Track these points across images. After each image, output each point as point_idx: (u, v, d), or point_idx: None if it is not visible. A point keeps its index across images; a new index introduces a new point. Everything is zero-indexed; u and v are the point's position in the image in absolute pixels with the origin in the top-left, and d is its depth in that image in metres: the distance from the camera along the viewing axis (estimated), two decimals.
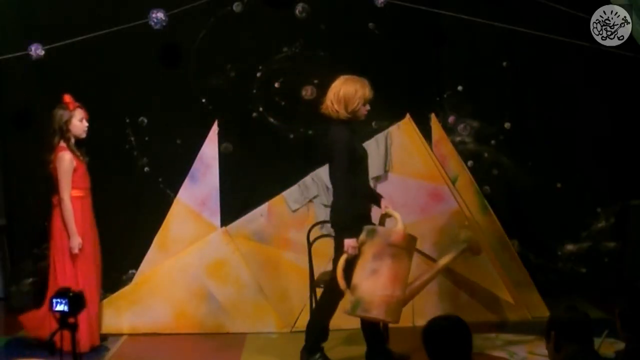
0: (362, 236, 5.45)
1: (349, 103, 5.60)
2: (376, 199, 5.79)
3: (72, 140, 6.31)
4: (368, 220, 5.64)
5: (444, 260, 5.77)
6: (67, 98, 6.34)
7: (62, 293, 4.30)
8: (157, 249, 6.88)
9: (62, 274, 6.30)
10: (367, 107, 5.67)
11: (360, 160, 5.66)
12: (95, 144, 7.05)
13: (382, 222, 5.72)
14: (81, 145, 6.41)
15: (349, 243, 5.45)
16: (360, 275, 5.42)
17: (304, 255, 6.31)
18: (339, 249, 5.57)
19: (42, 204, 7.17)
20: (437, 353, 3.48)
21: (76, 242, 6.24)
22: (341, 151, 5.56)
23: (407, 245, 5.45)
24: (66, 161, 6.23)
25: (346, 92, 5.61)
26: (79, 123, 6.32)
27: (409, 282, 5.54)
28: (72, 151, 6.28)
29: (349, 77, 5.69)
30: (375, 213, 5.75)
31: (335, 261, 5.62)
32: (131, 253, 6.95)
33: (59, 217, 6.31)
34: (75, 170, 6.26)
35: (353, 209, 5.53)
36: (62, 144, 6.28)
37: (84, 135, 6.37)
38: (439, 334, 3.51)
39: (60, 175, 6.23)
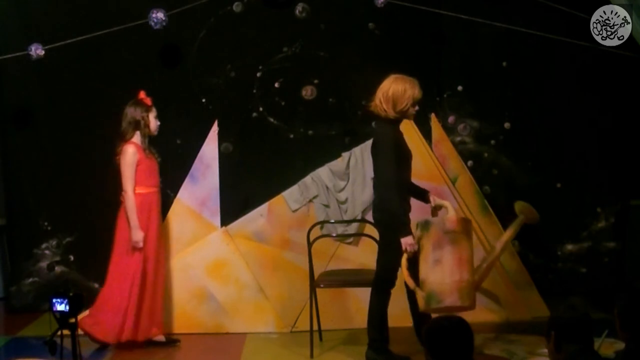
0: (418, 231, 5.47)
1: (397, 103, 5.59)
2: (423, 195, 5.79)
3: (146, 136, 6.29)
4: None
5: (505, 237, 5.85)
6: (143, 94, 6.33)
7: (62, 293, 4.30)
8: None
9: (116, 268, 6.29)
10: (416, 107, 5.65)
11: (405, 159, 5.65)
12: (95, 144, 7.08)
13: (434, 215, 5.74)
14: (154, 145, 6.41)
15: (406, 241, 5.46)
16: (425, 269, 5.43)
17: (304, 255, 6.30)
18: (386, 247, 5.61)
19: (42, 204, 7.19)
20: (438, 353, 3.47)
21: (138, 236, 6.19)
22: (388, 150, 5.56)
23: (464, 229, 5.47)
24: (129, 154, 6.20)
25: (395, 92, 5.59)
26: (154, 120, 6.31)
27: (477, 266, 5.62)
28: (141, 146, 6.26)
29: (398, 77, 5.66)
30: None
31: (380, 259, 5.67)
32: None
33: (123, 211, 6.29)
34: (138, 164, 6.22)
35: (400, 207, 5.53)
36: (135, 138, 6.26)
37: (155, 133, 6.36)
38: (441, 334, 3.50)
39: (123, 168, 6.21)
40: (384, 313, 5.74)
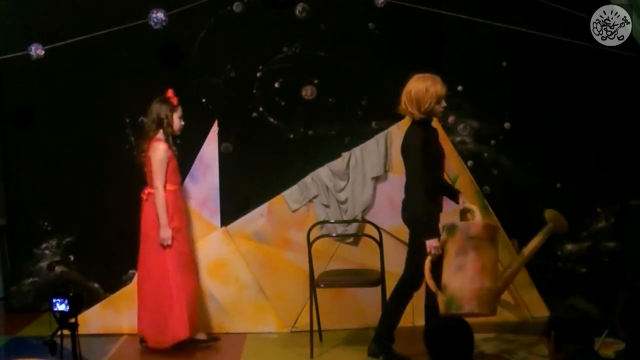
0: (443, 235, 5.44)
1: (421, 103, 5.58)
2: (454, 195, 5.78)
3: (169, 135, 6.30)
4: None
5: (532, 244, 5.75)
6: (171, 93, 6.32)
7: (62, 293, 4.30)
8: None
9: (144, 267, 6.31)
10: (443, 103, 5.61)
11: (435, 160, 5.63)
12: (95, 144, 7.08)
13: (462, 218, 5.69)
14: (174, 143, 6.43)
15: (430, 244, 5.45)
16: (448, 274, 5.41)
17: (304, 255, 6.30)
18: (414, 248, 5.62)
19: (42, 204, 7.19)
20: (439, 353, 3.47)
21: (167, 233, 6.19)
22: (416, 152, 5.55)
23: (489, 236, 5.42)
24: (161, 151, 6.20)
25: (417, 92, 5.57)
26: (178, 120, 6.31)
27: (500, 272, 5.57)
28: (167, 144, 6.28)
29: (419, 76, 5.65)
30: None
31: (410, 259, 5.68)
32: (131, 253, 6.93)
33: (151, 208, 6.28)
34: (167, 163, 6.24)
35: (428, 209, 5.53)
36: (159, 135, 6.26)
37: (178, 133, 6.37)
38: (442, 334, 3.50)
39: (155, 165, 6.20)
40: (400, 314, 5.77)
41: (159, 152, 6.20)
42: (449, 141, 7.02)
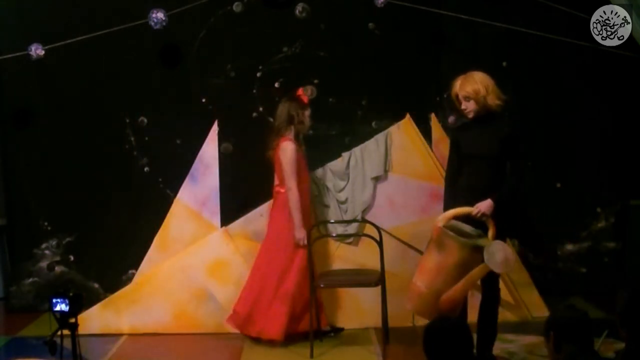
0: None
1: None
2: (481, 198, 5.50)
3: (299, 133, 6.32)
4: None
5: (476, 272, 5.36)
6: (301, 91, 6.36)
7: (62, 293, 4.30)
8: (157, 249, 6.87)
9: (267, 263, 6.31)
10: (462, 105, 5.54)
11: (465, 156, 5.54)
12: (95, 144, 7.08)
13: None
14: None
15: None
16: None
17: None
18: None
19: (42, 204, 7.19)
20: (438, 355, 3.46)
21: (302, 233, 6.19)
22: (449, 146, 5.71)
23: (436, 239, 5.34)
24: (290, 151, 6.20)
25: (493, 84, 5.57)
26: (307, 119, 6.32)
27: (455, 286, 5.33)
28: (297, 142, 6.29)
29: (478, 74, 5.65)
30: None
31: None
32: (131, 253, 6.95)
33: (278, 207, 6.30)
34: (298, 162, 6.26)
35: (449, 204, 5.52)
36: (289, 134, 6.27)
37: (307, 132, 6.40)
38: (440, 336, 3.49)
39: (286, 165, 6.20)
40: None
41: (288, 152, 6.20)
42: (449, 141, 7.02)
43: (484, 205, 5.37)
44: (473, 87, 5.50)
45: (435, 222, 5.40)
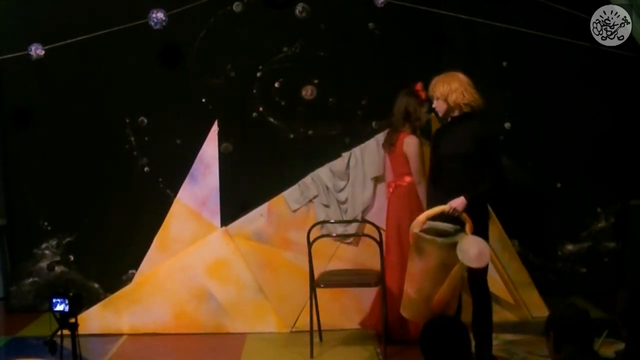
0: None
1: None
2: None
3: (416, 129, 6.30)
4: (443, 218, 5.43)
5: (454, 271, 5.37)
6: (420, 86, 6.28)
7: (62, 293, 4.30)
8: (157, 249, 6.88)
9: (393, 260, 6.27)
10: (433, 103, 5.62)
11: (442, 157, 5.56)
12: (95, 144, 7.08)
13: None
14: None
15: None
16: None
17: (304, 255, 6.30)
18: None
19: (42, 204, 7.19)
20: (434, 353, 3.45)
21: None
22: (430, 152, 5.74)
23: (414, 243, 5.37)
24: (416, 145, 6.21)
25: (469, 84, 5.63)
26: (424, 115, 6.32)
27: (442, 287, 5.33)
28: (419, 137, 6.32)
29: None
30: None
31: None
32: (131, 253, 6.95)
33: (398, 198, 6.29)
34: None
35: (432, 206, 5.51)
36: (407, 129, 6.26)
37: (423, 126, 6.41)
38: (437, 334, 3.48)
39: (414, 160, 6.20)
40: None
41: (414, 146, 6.20)
42: None
43: (456, 202, 5.40)
44: (442, 88, 5.57)
45: (410, 228, 5.41)
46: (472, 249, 5.22)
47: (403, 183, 6.28)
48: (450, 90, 5.54)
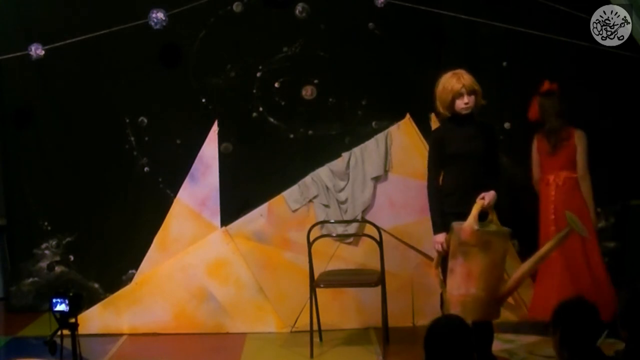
0: (448, 234, 5.37)
1: (440, 101, 5.55)
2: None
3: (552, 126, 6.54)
4: (461, 217, 5.37)
5: (545, 248, 5.48)
6: (547, 84, 6.53)
7: (62, 293, 4.30)
8: (157, 249, 6.88)
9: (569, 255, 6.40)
10: (464, 99, 5.48)
11: (454, 156, 5.49)
12: (95, 144, 7.08)
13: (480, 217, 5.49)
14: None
15: (434, 239, 5.45)
16: (445, 274, 5.40)
17: (304, 255, 6.31)
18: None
19: (42, 204, 7.19)
20: (438, 354, 3.45)
21: (596, 219, 6.62)
22: (431, 148, 5.62)
23: (478, 242, 5.26)
24: (586, 139, 6.52)
25: (437, 91, 5.58)
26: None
27: (513, 276, 5.41)
28: None
29: (444, 75, 5.63)
30: None
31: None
32: (131, 253, 6.95)
33: (568, 191, 6.52)
34: None
35: (438, 206, 5.46)
36: (562, 125, 6.52)
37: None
38: (442, 335, 3.48)
39: (585, 151, 6.55)
40: None
41: (585, 141, 6.52)
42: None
43: (489, 196, 5.41)
44: (475, 83, 5.52)
45: (467, 228, 5.26)
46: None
47: (573, 175, 6.55)
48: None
